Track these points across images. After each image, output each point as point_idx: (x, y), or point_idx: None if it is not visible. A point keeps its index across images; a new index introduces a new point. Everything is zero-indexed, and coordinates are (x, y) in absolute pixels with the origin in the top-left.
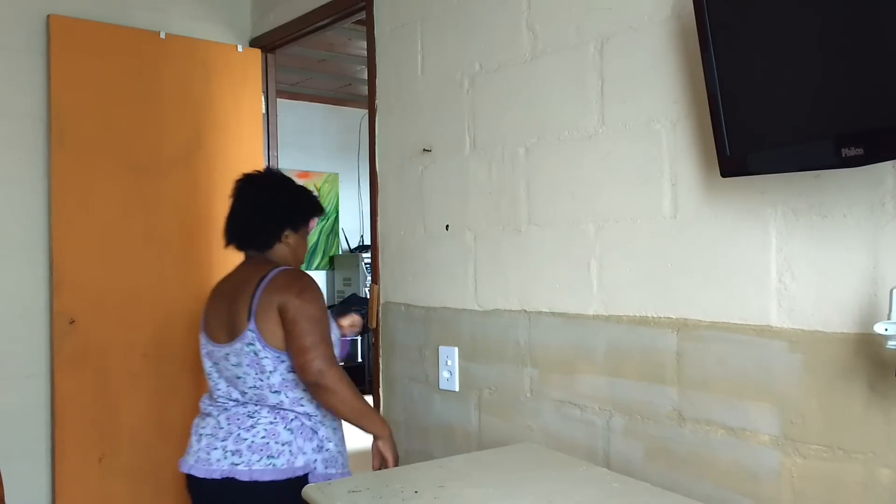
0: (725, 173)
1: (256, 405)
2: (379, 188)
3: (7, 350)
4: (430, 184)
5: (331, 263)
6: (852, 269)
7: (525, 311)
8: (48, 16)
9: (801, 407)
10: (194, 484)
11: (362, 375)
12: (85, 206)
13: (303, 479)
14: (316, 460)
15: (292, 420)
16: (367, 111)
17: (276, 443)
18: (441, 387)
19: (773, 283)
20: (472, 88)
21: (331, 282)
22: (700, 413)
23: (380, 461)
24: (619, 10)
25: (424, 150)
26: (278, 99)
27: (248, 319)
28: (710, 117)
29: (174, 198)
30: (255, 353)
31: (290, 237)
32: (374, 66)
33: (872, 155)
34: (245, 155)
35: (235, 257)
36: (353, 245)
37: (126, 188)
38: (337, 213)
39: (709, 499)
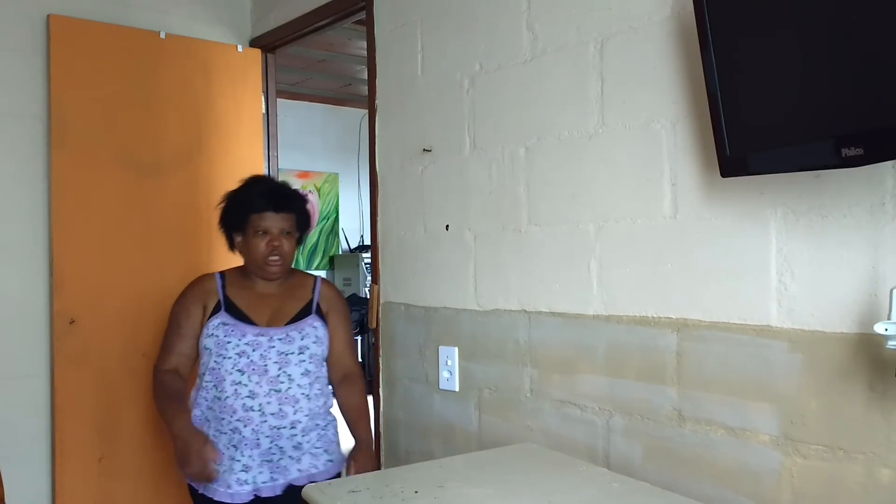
0: (725, 173)
1: None
2: (379, 188)
3: (7, 350)
4: (430, 184)
5: (331, 263)
6: (852, 270)
7: (525, 311)
8: (48, 16)
9: (801, 407)
10: None
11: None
12: (85, 206)
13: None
14: None
15: None
16: (367, 111)
17: None
18: (441, 387)
19: (773, 283)
20: (472, 88)
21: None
22: (700, 413)
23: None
24: (619, 10)
25: (424, 150)
26: (278, 99)
27: None
28: (710, 117)
29: (174, 198)
30: None
31: (239, 241)
32: (374, 66)
33: (872, 155)
34: (245, 155)
35: (237, 256)
36: (353, 245)
37: (126, 188)
38: (337, 213)
39: (709, 499)
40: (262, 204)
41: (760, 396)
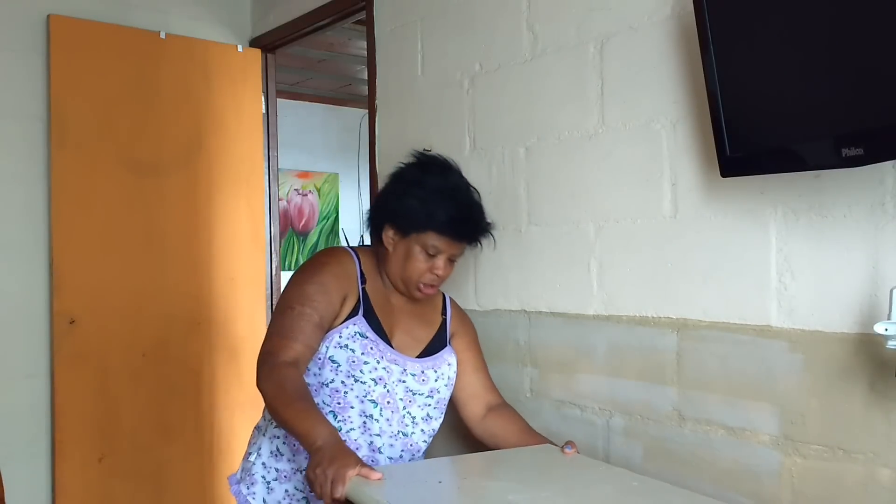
0: (725, 173)
1: None
2: (379, 188)
3: (7, 350)
4: None
5: None
6: (852, 269)
7: (525, 311)
8: (48, 16)
9: (801, 407)
10: None
11: None
12: (85, 206)
13: None
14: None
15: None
16: (367, 111)
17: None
18: None
19: (773, 283)
20: (472, 88)
21: None
22: (700, 413)
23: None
24: (619, 10)
25: (424, 150)
26: (278, 99)
27: None
28: (710, 117)
29: (174, 198)
30: None
31: (392, 237)
32: (374, 66)
33: (872, 155)
34: (245, 155)
35: (236, 256)
36: (354, 245)
37: (126, 188)
38: (337, 213)
39: (709, 499)
40: (450, 230)
41: (760, 396)
